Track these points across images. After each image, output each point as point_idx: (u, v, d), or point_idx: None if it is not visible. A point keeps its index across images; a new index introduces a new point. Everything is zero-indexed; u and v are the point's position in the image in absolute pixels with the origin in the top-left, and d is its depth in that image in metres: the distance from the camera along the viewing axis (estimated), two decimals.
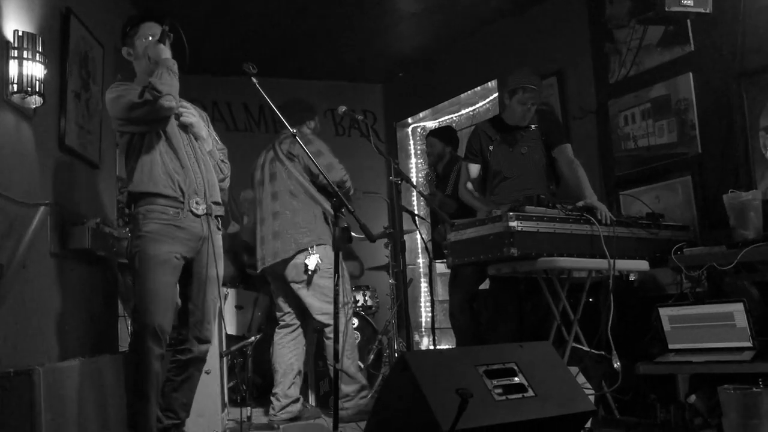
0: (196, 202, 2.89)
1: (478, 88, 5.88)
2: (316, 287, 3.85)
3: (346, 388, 3.85)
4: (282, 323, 4.08)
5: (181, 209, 2.85)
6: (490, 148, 3.79)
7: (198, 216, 2.90)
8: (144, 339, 2.76)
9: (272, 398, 4.00)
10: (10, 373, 2.56)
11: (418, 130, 6.72)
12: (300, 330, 4.08)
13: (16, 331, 2.85)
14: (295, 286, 3.91)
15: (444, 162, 4.84)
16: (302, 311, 4.02)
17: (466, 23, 5.52)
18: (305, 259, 3.83)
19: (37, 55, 2.93)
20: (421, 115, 6.57)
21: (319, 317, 3.88)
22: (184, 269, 2.93)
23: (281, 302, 4.07)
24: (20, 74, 2.88)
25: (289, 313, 4.06)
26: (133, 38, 3.01)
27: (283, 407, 3.93)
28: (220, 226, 3.09)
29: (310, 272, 3.81)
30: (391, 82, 6.69)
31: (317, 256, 3.81)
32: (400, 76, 6.51)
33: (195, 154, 2.99)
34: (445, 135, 4.91)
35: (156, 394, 2.83)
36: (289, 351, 4.03)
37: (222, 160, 3.17)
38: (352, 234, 4.11)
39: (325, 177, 3.30)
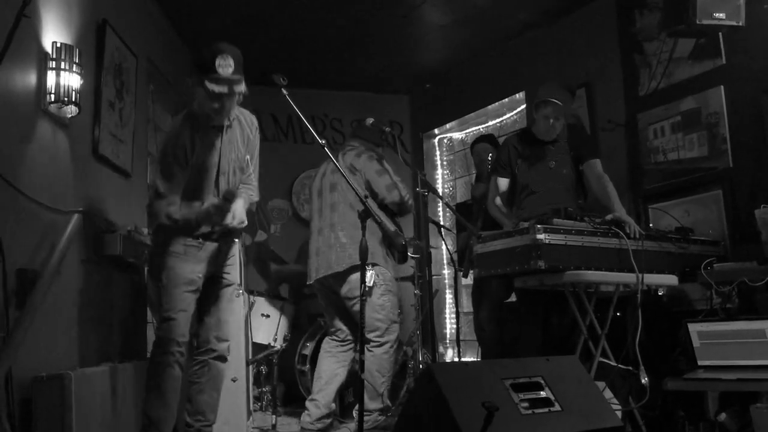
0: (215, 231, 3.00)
1: (506, 99, 5.87)
2: (372, 304, 3.73)
3: (371, 403, 3.75)
4: (335, 338, 4.01)
5: (202, 234, 2.95)
6: (519, 161, 3.77)
7: (215, 240, 3.01)
8: (168, 346, 2.86)
9: (310, 404, 3.89)
10: (43, 377, 2.62)
11: (445, 141, 6.73)
12: (351, 346, 3.99)
13: (50, 336, 2.91)
14: (349, 303, 3.83)
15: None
16: (353, 327, 3.94)
17: (494, 35, 5.52)
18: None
19: (74, 66, 3.02)
20: (447, 126, 6.58)
21: (369, 335, 3.76)
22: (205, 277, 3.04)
23: (335, 320, 3.99)
24: (57, 84, 2.96)
25: (341, 330, 3.98)
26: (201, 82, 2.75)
27: (321, 417, 3.86)
28: (236, 239, 3.17)
29: (367, 287, 3.67)
30: (418, 93, 6.71)
31: (373, 272, 3.73)
32: (428, 87, 6.53)
33: (232, 180, 3.02)
34: (494, 140, 4.86)
35: (175, 399, 2.89)
36: (336, 361, 3.96)
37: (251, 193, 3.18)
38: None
39: (377, 198, 3.28)
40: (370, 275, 3.72)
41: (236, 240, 3.16)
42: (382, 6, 4.97)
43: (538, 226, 3.06)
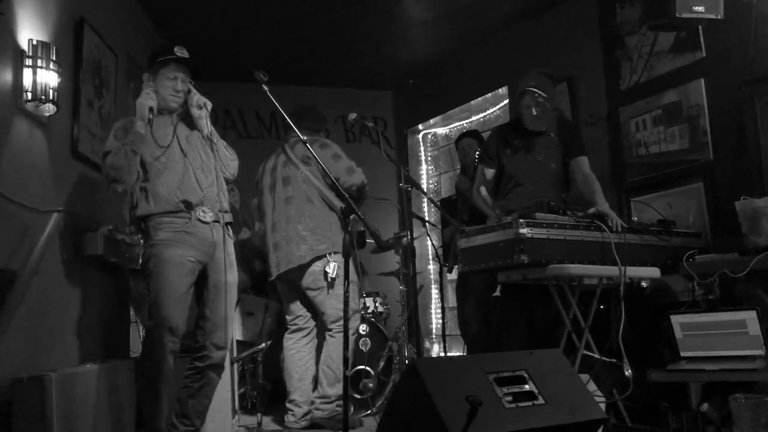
0: (203, 212, 2.98)
1: (489, 94, 5.88)
2: (335, 295, 3.76)
3: (330, 389, 3.77)
4: (294, 327, 4.00)
5: (189, 219, 2.95)
6: (507, 152, 3.77)
7: (206, 223, 2.98)
8: (159, 333, 2.82)
9: (290, 405, 3.89)
10: (23, 379, 2.59)
11: (429, 136, 6.72)
12: (314, 333, 4.01)
13: (30, 337, 2.87)
14: (311, 293, 3.84)
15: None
16: (315, 314, 3.96)
17: (477, 30, 5.52)
18: (324, 266, 3.77)
19: (51, 63, 2.97)
20: (431, 121, 6.57)
21: (332, 324, 3.80)
22: (200, 276, 3.00)
23: (293, 306, 3.99)
24: (34, 82, 2.92)
25: (301, 316, 3.98)
26: (158, 71, 3.04)
27: (305, 414, 3.86)
28: (230, 234, 3.13)
29: (330, 279, 3.74)
30: (401, 88, 6.69)
31: (336, 263, 3.75)
32: (411, 82, 6.52)
33: (202, 165, 3.04)
34: (479, 135, 4.86)
35: (167, 392, 2.87)
36: (304, 355, 3.95)
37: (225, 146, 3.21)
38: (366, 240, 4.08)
39: (338, 183, 3.29)
40: (333, 266, 3.72)
41: (230, 236, 3.13)
42: (364, 2, 4.95)
43: (521, 220, 3.06)
